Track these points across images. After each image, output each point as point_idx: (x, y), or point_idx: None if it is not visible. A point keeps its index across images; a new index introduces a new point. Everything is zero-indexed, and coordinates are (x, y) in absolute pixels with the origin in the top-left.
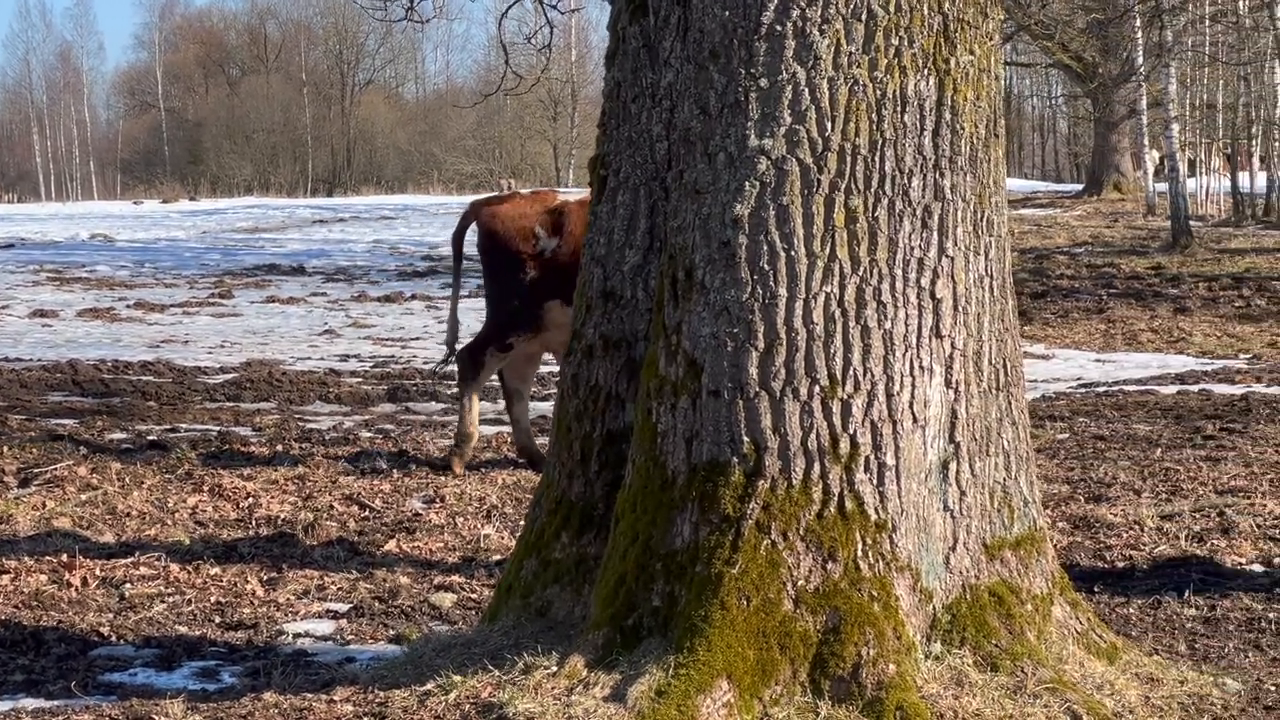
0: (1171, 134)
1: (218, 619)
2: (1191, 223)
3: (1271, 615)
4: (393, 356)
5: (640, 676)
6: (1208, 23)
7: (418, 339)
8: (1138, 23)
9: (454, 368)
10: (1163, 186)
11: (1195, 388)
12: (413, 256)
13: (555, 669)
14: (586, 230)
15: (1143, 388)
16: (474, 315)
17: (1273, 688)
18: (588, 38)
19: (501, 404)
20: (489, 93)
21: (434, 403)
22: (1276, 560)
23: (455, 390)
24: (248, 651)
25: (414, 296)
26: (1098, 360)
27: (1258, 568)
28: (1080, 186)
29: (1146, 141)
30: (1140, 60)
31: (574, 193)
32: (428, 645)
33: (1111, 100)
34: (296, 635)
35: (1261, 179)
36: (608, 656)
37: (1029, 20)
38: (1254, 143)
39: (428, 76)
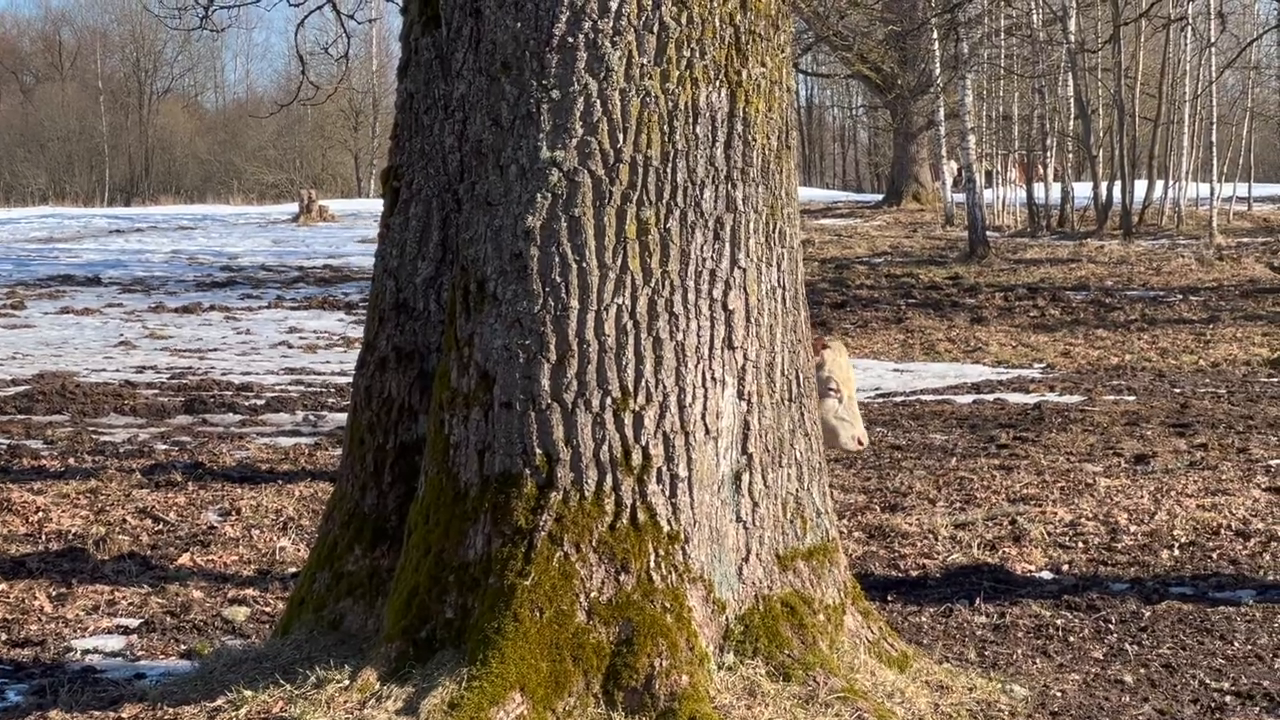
0: (968, 145)
1: (4, 636)
2: (988, 233)
3: (1059, 622)
4: (190, 368)
5: (433, 689)
6: (1003, 35)
7: (216, 350)
8: (935, 35)
9: None
10: (960, 197)
11: (990, 397)
12: (211, 267)
13: (348, 682)
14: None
15: (939, 397)
16: (274, 327)
17: (1059, 694)
18: (389, 47)
19: (299, 415)
20: (286, 102)
21: (231, 414)
22: (1065, 568)
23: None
24: (34, 669)
25: (212, 307)
26: (896, 370)
27: (1047, 575)
28: (880, 197)
29: (944, 152)
30: (937, 72)
31: None
32: (219, 660)
33: (910, 111)
34: (85, 652)
35: (1056, 190)
36: (401, 669)
37: (828, 31)
38: (1049, 154)
39: (227, 85)
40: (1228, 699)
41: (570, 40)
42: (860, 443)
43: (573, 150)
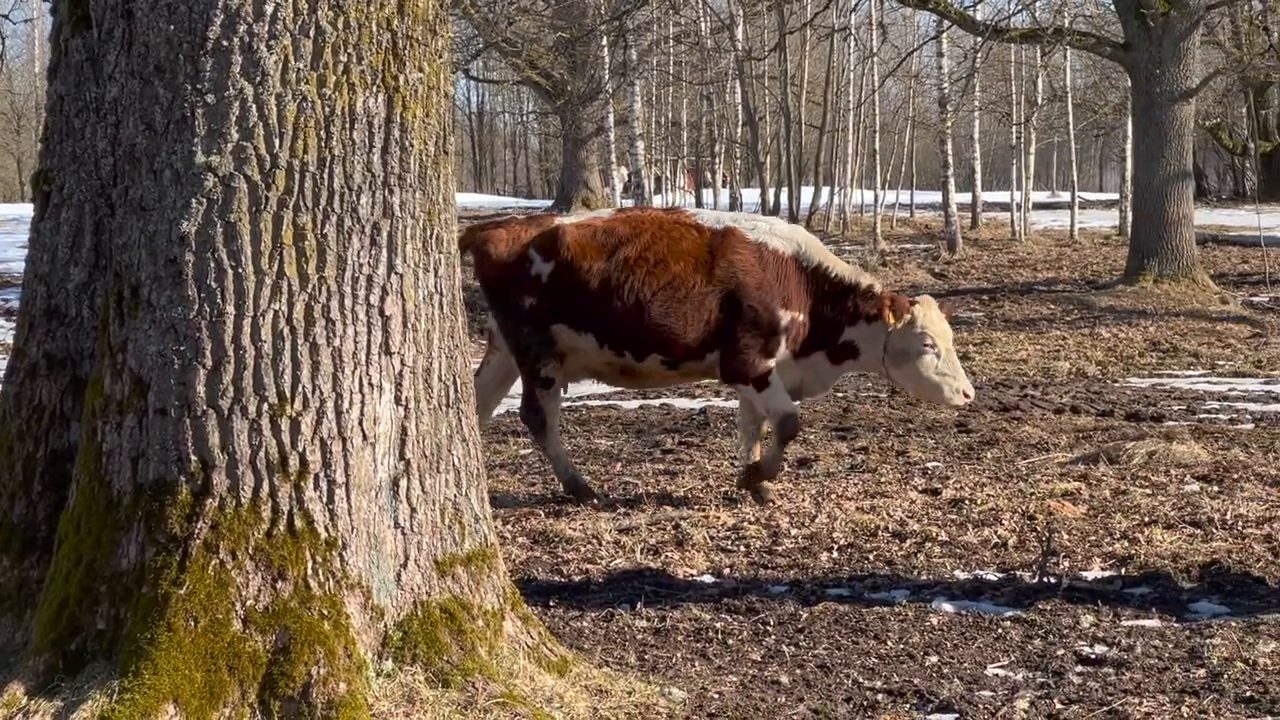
0: (637, 151)
1: None
2: None
3: (719, 625)
4: None
5: (83, 703)
6: (672, 43)
7: None
8: (604, 41)
9: None
10: (630, 202)
11: (657, 402)
12: None
13: None
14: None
15: (606, 403)
16: None
17: (716, 695)
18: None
19: None
20: None
21: None
22: (726, 571)
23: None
24: None
25: None
26: None
27: (708, 579)
28: (550, 202)
29: (614, 158)
30: (607, 78)
31: (570, 217)
32: None
33: (580, 117)
34: None
35: (725, 196)
36: (50, 683)
37: (497, 37)
38: (717, 160)
39: None
40: (880, 697)
41: (225, 44)
42: (966, 396)
43: (228, 155)
